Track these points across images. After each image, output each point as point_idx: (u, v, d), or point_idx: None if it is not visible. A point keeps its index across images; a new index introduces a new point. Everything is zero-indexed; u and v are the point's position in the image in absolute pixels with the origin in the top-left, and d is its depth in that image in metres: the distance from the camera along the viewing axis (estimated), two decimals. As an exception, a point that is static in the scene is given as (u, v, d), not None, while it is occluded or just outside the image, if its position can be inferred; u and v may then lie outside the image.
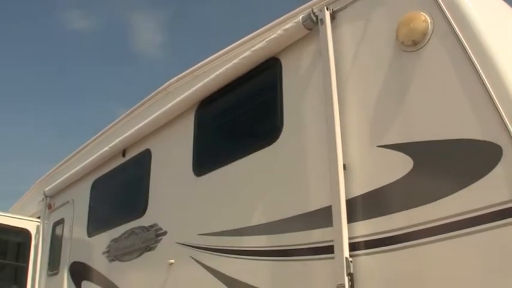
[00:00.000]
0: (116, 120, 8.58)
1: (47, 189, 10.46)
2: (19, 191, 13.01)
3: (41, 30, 34.36)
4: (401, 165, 4.09)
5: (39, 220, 10.68)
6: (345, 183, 4.41)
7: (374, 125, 4.41)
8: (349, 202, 4.36)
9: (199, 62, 6.72)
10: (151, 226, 6.81)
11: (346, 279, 4.18)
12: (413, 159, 4.05)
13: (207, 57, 6.59)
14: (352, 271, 4.21)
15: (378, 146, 4.31)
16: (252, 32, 5.98)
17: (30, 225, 10.79)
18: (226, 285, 5.40)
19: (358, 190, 4.36)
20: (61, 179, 9.91)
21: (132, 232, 7.22)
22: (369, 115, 4.46)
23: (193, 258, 5.90)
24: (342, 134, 4.55)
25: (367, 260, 4.20)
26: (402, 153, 4.12)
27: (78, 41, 34.59)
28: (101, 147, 8.49)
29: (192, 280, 5.93)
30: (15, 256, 11.33)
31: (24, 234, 10.73)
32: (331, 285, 4.27)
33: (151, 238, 6.74)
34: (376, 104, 4.42)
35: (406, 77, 4.25)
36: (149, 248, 6.76)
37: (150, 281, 6.63)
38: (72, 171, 9.41)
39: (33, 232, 10.69)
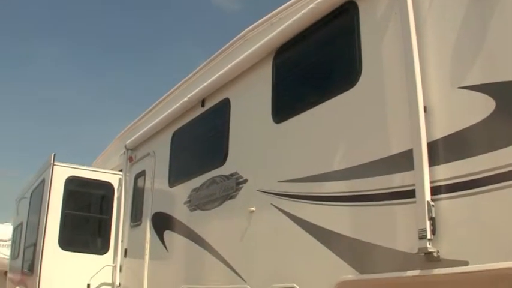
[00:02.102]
0: (195, 71, 8.77)
1: (127, 142, 10.91)
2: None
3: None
4: (483, 107, 4.09)
5: (121, 173, 11.18)
6: (425, 126, 4.44)
7: (454, 65, 4.40)
8: (431, 145, 4.40)
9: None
10: (231, 175, 7.04)
11: (428, 223, 4.25)
12: (496, 100, 4.03)
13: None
14: (434, 215, 4.26)
15: (458, 88, 4.31)
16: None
17: (113, 178, 11.29)
18: (307, 231, 5.56)
19: (440, 133, 4.39)
20: (141, 131, 10.32)
21: (213, 181, 7.48)
22: (448, 56, 4.44)
23: (273, 205, 6.09)
24: (422, 75, 4.56)
25: (449, 204, 4.24)
26: (484, 94, 4.11)
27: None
28: (180, 99, 8.76)
29: (273, 227, 6.13)
30: (99, 209, 11.84)
31: (107, 187, 11.22)
32: (413, 230, 4.36)
33: (232, 186, 6.98)
34: (456, 44, 4.40)
35: (486, 15, 4.20)
36: (230, 197, 7.00)
37: (232, 229, 6.88)
38: (152, 123, 9.78)
39: (115, 185, 11.19)
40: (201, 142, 8.50)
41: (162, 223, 9.04)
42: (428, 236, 4.23)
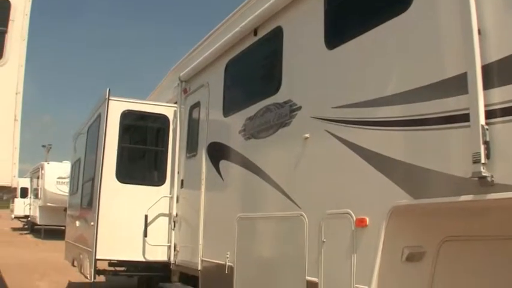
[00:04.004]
0: (246, 0, 8.82)
1: (181, 74, 11.11)
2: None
3: None
4: (540, 29, 4.04)
5: (175, 105, 11.42)
6: (480, 48, 4.40)
7: (510, -14, 4.33)
8: (485, 68, 4.38)
9: None
10: (285, 102, 7.16)
11: (482, 147, 4.28)
12: (552, 21, 3.98)
13: None
14: (488, 139, 4.28)
15: (514, 9, 4.25)
16: None
17: (168, 110, 11.57)
18: (360, 156, 5.66)
19: (494, 55, 4.35)
20: (195, 63, 10.48)
21: (267, 109, 7.62)
22: (504, -24, 4.37)
23: (327, 131, 6.19)
24: (476, -3, 4.50)
25: (504, 128, 4.25)
26: None
27: None
28: (232, 28, 8.86)
29: (327, 153, 6.26)
30: (155, 141, 12.17)
31: (162, 119, 11.52)
32: (467, 154, 4.40)
33: (286, 114, 7.10)
34: (511, -36, 4.32)
35: None
36: (284, 124, 7.14)
37: (286, 156, 7.04)
38: (206, 54, 9.93)
39: (170, 117, 11.47)
40: (255, 71, 8.64)
41: (217, 153, 9.27)
42: (483, 160, 4.25)
